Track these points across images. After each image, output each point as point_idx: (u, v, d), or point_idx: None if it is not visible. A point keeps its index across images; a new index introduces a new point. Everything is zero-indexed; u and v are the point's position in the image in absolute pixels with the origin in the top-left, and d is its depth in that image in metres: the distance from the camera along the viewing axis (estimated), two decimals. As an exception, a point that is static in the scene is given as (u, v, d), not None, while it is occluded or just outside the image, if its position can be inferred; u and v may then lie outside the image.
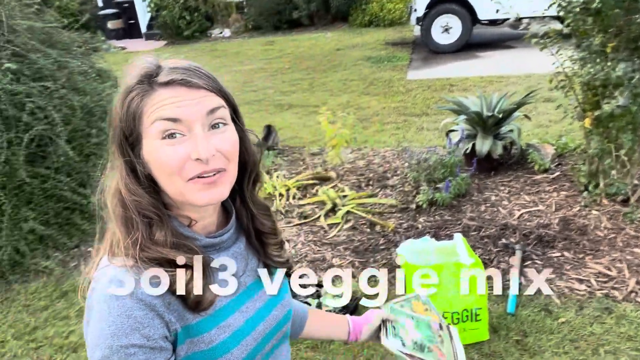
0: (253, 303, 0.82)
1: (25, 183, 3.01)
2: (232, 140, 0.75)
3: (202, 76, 0.73)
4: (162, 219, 0.74)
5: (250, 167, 0.83)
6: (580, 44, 2.73)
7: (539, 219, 2.94)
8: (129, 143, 0.73)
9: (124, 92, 0.73)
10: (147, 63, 0.74)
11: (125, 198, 0.73)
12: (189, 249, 0.74)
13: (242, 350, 0.77)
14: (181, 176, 0.71)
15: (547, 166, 3.43)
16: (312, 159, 4.25)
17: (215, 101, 0.73)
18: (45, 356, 2.37)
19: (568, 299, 2.34)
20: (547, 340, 2.14)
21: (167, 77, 0.71)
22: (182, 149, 0.70)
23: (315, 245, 2.99)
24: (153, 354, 0.68)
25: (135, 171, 0.73)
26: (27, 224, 3.00)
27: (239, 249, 0.83)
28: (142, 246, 0.71)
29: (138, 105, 0.71)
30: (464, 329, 2.15)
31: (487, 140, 3.39)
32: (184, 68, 0.73)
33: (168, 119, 0.70)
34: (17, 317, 2.66)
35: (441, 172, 3.26)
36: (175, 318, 0.71)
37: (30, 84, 3.24)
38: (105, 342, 0.66)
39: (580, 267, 2.52)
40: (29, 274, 3.01)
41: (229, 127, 0.75)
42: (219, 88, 0.75)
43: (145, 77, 0.72)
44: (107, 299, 0.68)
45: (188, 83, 0.71)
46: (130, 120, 0.72)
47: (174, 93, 0.70)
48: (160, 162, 0.71)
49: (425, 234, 2.92)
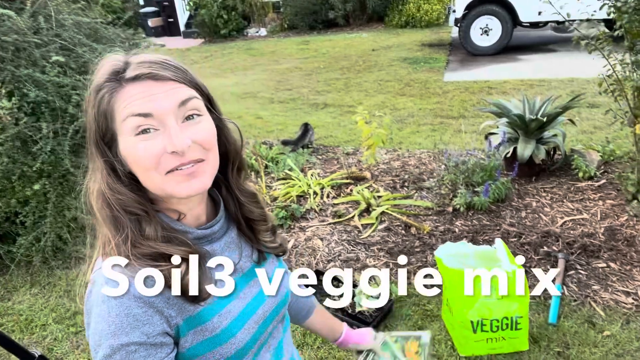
0: (250, 289, 0.83)
1: (69, 173, 3.10)
2: (207, 130, 0.74)
3: (170, 67, 0.72)
4: (149, 214, 0.73)
5: (232, 155, 0.82)
6: (633, 46, 2.61)
7: (583, 228, 2.83)
8: (105, 142, 0.73)
9: (94, 91, 0.72)
10: (115, 60, 0.73)
11: (109, 198, 0.72)
12: (181, 241, 0.74)
13: (245, 334, 0.78)
14: (158, 170, 0.70)
15: (592, 173, 3.30)
16: (346, 158, 4.23)
17: (186, 92, 0.72)
18: (84, 341, 2.43)
19: (614, 312, 2.24)
20: (590, 353, 2.06)
21: (134, 72, 0.70)
22: (156, 144, 0.69)
23: (348, 244, 2.96)
24: (154, 350, 0.68)
25: (116, 170, 0.73)
26: (70, 212, 3.09)
27: (230, 238, 0.83)
28: (133, 243, 0.71)
29: (108, 103, 0.71)
30: (503, 337, 2.08)
31: (529, 144, 3.29)
32: (150, 62, 0.72)
33: (139, 114, 0.69)
34: (59, 302, 2.75)
35: (480, 176, 3.19)
36: (176, 312, 0.71)
37: (76, 77, 3.34)
38: (106, 341, 0.67)
39: (627, 279, 2.41)
40: (70, 260, 3.10)
41: (203, 117, 0.74)
42: (189, 79, 0.74)
43: (113, 74, 0.71)
44: (105, 299, 0.68)
45: (155, 76, 0.70)
46: (102, 119, 0.71)
47: (143, 88, 0.70)
48: (136, 158, 0.70)
49: (462, 238, 2.86)
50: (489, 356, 2.10)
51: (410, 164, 3.95)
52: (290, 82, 7.41)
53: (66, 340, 2.45)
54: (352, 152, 4.36)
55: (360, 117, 3.59)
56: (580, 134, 4.29)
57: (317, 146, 4.52)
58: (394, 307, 2.42)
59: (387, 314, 2.38)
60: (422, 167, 3.85)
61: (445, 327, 2.28)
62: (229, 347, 0.76)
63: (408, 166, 3.90)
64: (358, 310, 2.32)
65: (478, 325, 2.08)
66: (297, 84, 7.21)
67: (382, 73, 7.30)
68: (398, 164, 3.96)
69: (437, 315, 2.35)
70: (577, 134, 4.27)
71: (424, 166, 3.87)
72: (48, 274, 3.00)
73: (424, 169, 3.80)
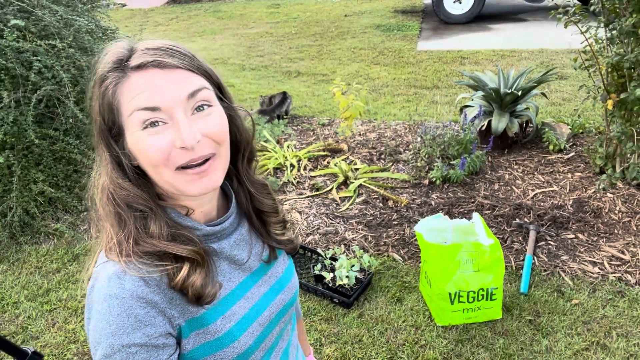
0: (258, 288, 0.81)
1: (34, 144, 2.95)
2: (218, 122, 0.70)
3: (177, 54, 0.68)
4: (154, 211, 0.70)
5: (244, 145, 0.79)
6: (609, 22, 2.65)
7: (553, 200, 2.93)
8: (112, 135, 0.69)
9: (98, 81, 0.68)
10: (119, 48, 0.69)
11: (112, 193, 0.69)
12: (188, 239, 0.71)
13: (248, 337, 0.76)
14: (168, 166, 0.67)
15: (562, 146, 3.40)
16: (322, 129, 4.20)
17: (195, 82, 0.68)
18: (60, 318, 2.38)
19: (581, 281, 2.36)
20: (559, 321, 2.17)
21: (139, 60, 0.66)
22: (165, 138, 0.65)
23: (327, 218, 2.98)
24: (156, 352, 0.66)
25: (122, 164, 0.70)
26: (36, 186, 2.96)
27: (240, 235, 0.80)
28: (136, 240, 0.68)
29: (113, 94, 0.67)
30: (479, 307, 2.17)
31: (503, 117, 3.34)
32: (155, 48, 0.67)
33: (146, 108, 0.65)
34: (30, 278, 2.66)
35: (456, 149, 3.23)
36: (178, 313, 0.69)
37: (36, 42, 3.14)
38: (106, 340, 0.65)
39: (594, 250, 2.53)
40: (39, 235, 2.99)
41: (214, 108, 0.70)
42: (198, 65, 0.70)
43: (116, 63, 0.67)
44: (107, 297, 0.66)
45: (161, 64, 0.66)
46: (108, 111, 0.68)
47: (148, 78, 0.65)
48: (144, 153, 0.67)
49: (439, 210, 2.92)
50: (465, 325, 2.19)
51: (386, 135, 3.96)
52: (261, 48, 7.21)
53: (41, 318, 2.39)
54: (327, 123, 4.33)
55: (337, 89, 3.54)
56: (549, 105, 4.39)
57: (293, 116, 4.46)
58: (372, 279, 2.47)
59: (367, 286, 2.43)
60: (398, 139, 3.87)
61: (423, 299, 2.35)
62: (230, 351, 0.74)
63: (384, 138, 3.91)
64: (338, 284, 2.35)
65: (455, 296, 2.15)
66: (269, 50, 7.03)
67: (355, 40, 7.19)
68: (374, 136, 3.97)
69: (415, 287, 2.42)
70: (546, 105, 4.37)
71: (399, 138, 3.88)
72: (16, 250, 2.89)
73: (400, 141, 3.82)
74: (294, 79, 5.75)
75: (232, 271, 0.78)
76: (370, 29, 7.77)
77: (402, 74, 5.57)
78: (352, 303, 2.33)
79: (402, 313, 2.28)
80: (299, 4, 10.17)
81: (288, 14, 9.39)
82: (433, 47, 6.56)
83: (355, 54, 6.52)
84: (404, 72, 5.66)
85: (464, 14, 7.62)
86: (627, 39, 2.52)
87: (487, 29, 7.36)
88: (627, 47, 2.54)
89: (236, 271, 0.79)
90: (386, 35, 7.35)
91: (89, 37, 3.56)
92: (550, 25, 7.02)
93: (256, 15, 9.46)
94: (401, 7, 9.13)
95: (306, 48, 6.99)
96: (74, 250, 2.86)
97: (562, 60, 5.53)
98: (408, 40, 6.98)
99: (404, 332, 2.18)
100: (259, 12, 9.78)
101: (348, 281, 2.36)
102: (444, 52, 6.29)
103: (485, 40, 6.67)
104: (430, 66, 5.77)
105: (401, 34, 7.36)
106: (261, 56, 6.77)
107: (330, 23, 8.35)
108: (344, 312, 2.30)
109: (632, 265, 2.42)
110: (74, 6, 3.87)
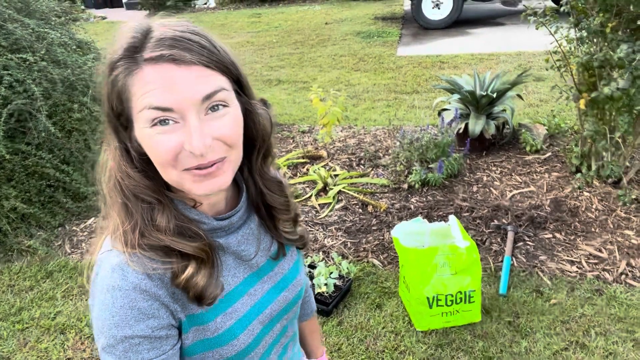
0: (262, 285, 0.79)
1: (5, 159, 2.89)
2: (232, 126, 0.65)
3: (195, 47, 0.62)
4: (162, 203, 0.68)
5: (259, 142, 0.75)
6: (578, 23, 2.68)
7: (530, 200, 2.94)
8: (120, 123, 0.66)
9: (109, 67, 0.64)
10: (133, 32, 0.63)
11: (120, 182, 0.67)
12: (194, 234, 0.69)
13: (248, 335, 0.75)
14: (176, 168, 0.64)
15: (538, 147, 3.42)
16: (302, 137, 4.18)
17: (212, 83, 0.62)
18: (32, 338, 2.32)
19: (559, 281, 2.36)
20: (538, 321, 2.16)
21: (154, 53, 0.61)
22: (174, 139, 0.62)
23: (306, 225, 2.95)
24: (159, 343, 0.66)
25: (129, 152, 0.67)
26: (8, 202, 2.89)
27: (249, 230, 0.77)
28: (142, 232, 0.67)
29: (124, 85, 0.63)
30: (457, 310, 2.15)
31: (480, 120, 3.36)
32: (172, 39, 0.61)
33: (158, 107, 0.61)
34: (2, 297, 2.59)
35: (434, 152, 3.23)
36: (180, 307, 0.69)
37: (7, 56, 3.09)
38: (109, 331, 0.64)
39: (572, 249, 2.54)
40: (12, 253, 2.92)
41: (230, 109, 0.65)
42: (217, 60, 0.64)
43: (129, 51, 0.63)
44: (109, 288, 0.65)
45: (177, 59, 0.61)
46: (117, 100, 0.64)
47: (162, 74, 0.60)
48: (152, 151, 0.64)
49: (418, 214, 2.91)
50: (444, 329, 2.17)
51: (365, 141, 3.95)
52: (242, 57, 7.20)
53: (12, 338, 2.33)
54: (307, 130, 4.31)
55: (315, 95, 3.53)
56: (527, 107, 4.43)
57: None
58: (352, 286, 2.44)
59: (346, 293, 2.40)
60: (377, 144, 3.87)
61: (402, 304, 2.33)
62: (229, 349, 0.73)
63: (364, 143, 3.90)
64: (317, 291, 2.32)
65: (434, 300, 2.13)
66: (250, 59, 7.02)
67: (335, 47, 7.22)
68: (354, 142, 3.96)
69: (395, 292, 2.40)
70: (524, 107, 4.41)
71: (379, 143, 3.88)
72: (-12, 269, 2.81)
73: (379, 146, 3.81)
74: (275, 87, 5.74)
75: (238, 266, 0.76)
76: (351, 36, 7.81)
77: (382, 80, 5.60)
78: (331, 311, 2.30)
79: (381, 319, 2.26)
80: (280, 13, 10.20)
81: (269, 23, 9.41)
82: (413, 53, 6.61)
83: (335, 61, 6.53)
84: (384, 77, 5.68)
85: (442, 20, 7.71)
86: (595, 38, 2.55)
87: (465, 33, 7.44)
88: (596, 46, 2.57)
89: (241, 267, 0.77)
90: (366, 41, 7.39)
91: (62, 49, 3.52)
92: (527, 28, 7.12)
93: (237, 25, 9.47)
94: (381, 14, 9.21)
95: (287, 56, 7.00)
96: (48, 268, 2.79)
97: (540, 63, 5.60)
98: (388, 47, 7.02)
99: (384, 339, 2.16)
100: (240, 21, 9.79)
101: (327, 289, 2.33)
102: (424, 57, 6.34)
103: (464, 45, 6.74)
104: (410, 71, 5.80)
105: (381, 40, 7.41)
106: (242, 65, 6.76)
107: (311, 31, 8.38)
108: (322, 321, 2.27)
109: (610, 263, 2.42)
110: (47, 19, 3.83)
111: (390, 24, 8.41)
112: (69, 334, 2.32)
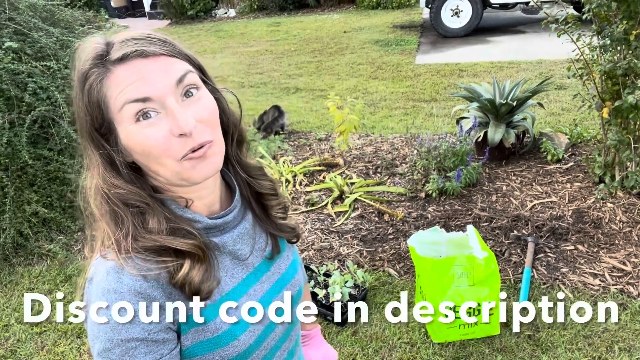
0: (261, 285, 0.79)
1: (28, 165, 2.96)
2: (209, 106, 0.68)
3: (157, 42, 0.66)
4: (151, 206, 0.69)
5: (232, 128, 0.77)
6: (601, 30, 2.62)
7: (551, 211, 2.87)
8: (100, 134, 0.67)
9: (80, 81, 0.66)
10: (95, 43, 0.66)
11: (106, 192, 0.68)
12: (188, 232, 0.69)
13: (249, 336, 0.74)
14: (171, 157, 0.65)
15: (560, 156, 3.35)
16: (318, 144, 4.18)
17: (180, 67, 0.66)
18: (50, 341, 2.34)
19: (582, 294, 2.30)
20: (560, 336, 2.10)
21: (120, 52, 0.64)
22: (161, 128, 0.64)
23: (322, 233, 2.94)
24: (156, 347, 0.66)
25: (113, 162, 0.68)
26: (30, 207, 2.95)
27: (244, 229, 0.78)
28: (134, 237, 0.67)
29: (99, 91, 0.65)
30: (476, 323, 2.11)
31: (499, 128, 3.31)
32: (134, 39, 0.66)
33: (136, 99, 0.63)
34: (21, 301, 2.63)
35: (452, 161, 3.19)
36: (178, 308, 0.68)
37: (32, 64, 3.17)
38: (105, 335, 0.64)
39: (595, 261, 2.47)
40: (33, 257, 2.97)
41: (202, 92, 0.68)
42: (179, 50, 0.68)
43: (97, 59, 0.65)
44: (105, 292, 0.65)
45: (143, 53, 0.64)
46: (96, 110, 0.66)
47: (133, 68, 0.64)
48: (143, 146, 0.65)
49: (435, 223, 2.87)
50: (462, 342, 2.13)
51: (382, 149, 3.93)
52: (260, 65, 7.26)
53: (30, 341, 2.36)
54: (324, 137, 4.31)
55: (332, 103, 3.53)
56: (548, 116, 4.35)
57: (289, 132, 4.45)
58: (367, 295, 2.42)
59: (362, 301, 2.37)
60: (394, 152, 3.84)
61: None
62: (230, 350, 0.72)
63: (381, 151, 3.88)
64: (332, 300, 2.30)
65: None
66: (268, 68, 7.07)
67: (354, 56, 7.22)
68: (371, 150, 3.94)
69: (411, 303, 2.36)
70: (545, 116, 4.33)
71: (396, 151, 3.85)
72: (9, 272, 2.87)
73: (396, 155, 3.79)
74: (293, 95, 5.77)
75: (235, 267, 0.76)
76: (369, 44, 7.82)
77: (400, 88, 5.57)
78: (346, 320, 2.27)
79: (397, 330, 2.22)
80: (299, 22, 10.28)
81: (288, 31, 9.48)
82: (431, 61, 6.57)
83: (353, 69, 6.54)
84: (402, 85, 5.65)
85: (462, 27, 7.66)
86: (619, 45, 2.50)
87: (485, 41, 7.38)
88: (620, 54, 2.51)
89: (239, 267, 0.77)
90: (384, 50, 7.38)
91: (85, 58, 3.59)
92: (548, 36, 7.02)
93: (257, 34, 9.57)
94: (400, 23, 9.20)
95: (305, 64, 7.03)
96: (67, 271, 2.83)
97: (561, 71, 5.50)
98: (406, 55, 7.00)
99: (399, 350, 2.12)
100: (259, 30, 9.89)
101: (341, 298, 2.30)
102: (442, 65, 6.30)
103: (483, 53, 6.68)
104: (429, 79, 5.77)
105: (399, 48, 7.39)
106: (260, 73, 6.82)
107: (330, 39, 8.41)
108: (337, 330, 2.25)
109: (634, 276, 2.35)
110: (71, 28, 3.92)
111: (409, 32, 8.39)
112: (85, 338, 2.34)
